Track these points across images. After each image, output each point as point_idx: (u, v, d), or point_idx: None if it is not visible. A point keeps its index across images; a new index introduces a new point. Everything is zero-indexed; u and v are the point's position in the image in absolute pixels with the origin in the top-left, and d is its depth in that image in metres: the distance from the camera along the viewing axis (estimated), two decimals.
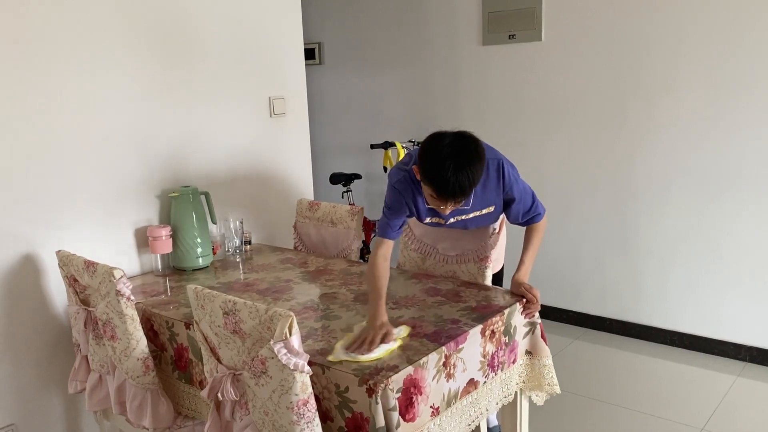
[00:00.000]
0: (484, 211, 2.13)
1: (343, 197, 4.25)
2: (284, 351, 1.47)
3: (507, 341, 1.98)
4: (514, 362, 2.03)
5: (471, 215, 2.13)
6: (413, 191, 2.03)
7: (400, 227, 2.10)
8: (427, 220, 2.15)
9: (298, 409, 1.50)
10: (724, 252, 3.21)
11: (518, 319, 2.03)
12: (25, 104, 2.16)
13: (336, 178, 4.11)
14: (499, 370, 1.95)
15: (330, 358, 1.66)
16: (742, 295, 3.19)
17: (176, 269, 2.56)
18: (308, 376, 1.51)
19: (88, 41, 2.31)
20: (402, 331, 1.80)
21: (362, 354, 1.65)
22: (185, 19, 2.62)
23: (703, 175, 3.20)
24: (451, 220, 2.14)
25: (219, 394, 1.62)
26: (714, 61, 3.09)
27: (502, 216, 2.32)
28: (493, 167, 2.02)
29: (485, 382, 1.89)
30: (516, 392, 2.08)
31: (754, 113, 3.03)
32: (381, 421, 1.51)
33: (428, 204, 1.97)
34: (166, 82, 2.58)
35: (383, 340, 1.71)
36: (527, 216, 2.17)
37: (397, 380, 1.56)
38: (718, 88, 3.10)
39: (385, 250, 2.04)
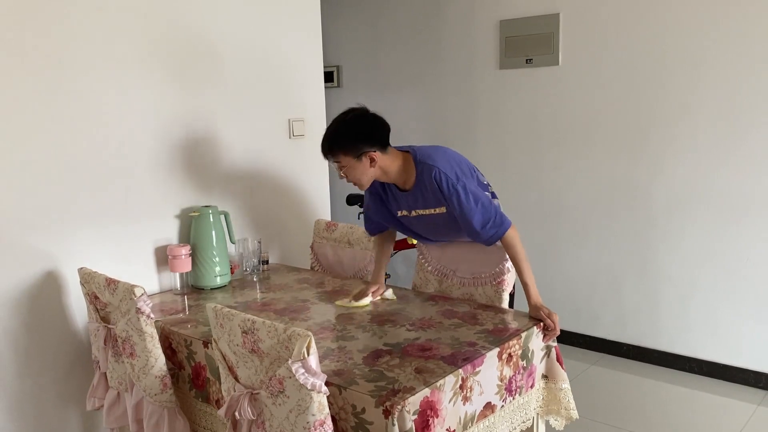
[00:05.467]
0: (437, 210, 2.20)
1: (359, 218, 4.27)
2: (302, 371, 1.48)
3: (525, 365, 1.97)
4: (532, 386, 2.02)
5: (427, 211, 2.23)
6: (377, 184, 2.29)
7: (376, 223, 2.41)
8: (398, 213, 2.32)
9: (315, 430, 1.50)
10: (744, 278, 3.17)
11: (535, 343, 2.02)
12: (48, 124, 2.21)
13: (353, 200, 4.13)
14: (517, 395, 1.94)
15: (336, 303, 2.28)
16: (763, 322, 3.14)
17: (195, 288, 2.58)
18: (325, 396, 1.52)
19: (112, 65, 2.36)
20: (389, 293, 2.35)
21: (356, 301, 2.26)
22: (208, 43, 2.68)
23: (722, 200, 3.18)
24: (413, 213, 2.27)
25: (236, 413, 1.63)
26: (731, 83, 3.09)
27: None
28: (428, 173, 2.13)
29: (502, 406, 1.88)
30: (533, 417, 2.07)
31: None
32: None
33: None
34: (188, 103, 2.63)
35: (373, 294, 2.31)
36: (489, 231, 2.13)
37: (413, 402, 1.55)
38: (736, 113, 3.10)
39: (377, 239, 2.50)
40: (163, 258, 2.58)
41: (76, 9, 2.24)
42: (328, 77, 4.71)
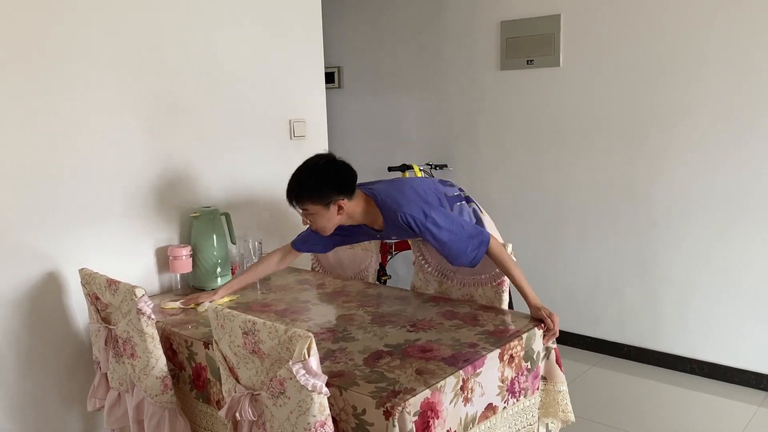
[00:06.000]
0: (418, 239, 2.22)
1: None
2: (303, 372, 1.48)
3: (530, 367, 1.97)
4: (537, 389, 2.02)
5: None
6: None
7: (311, 244, 2.37)
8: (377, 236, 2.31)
9: (316, 431, 1.50)
10: (745, 278, 3.17)
11: (538, 345, 2.02)
12: (49, 125, 2.21)
13: None
14: (521, 396, 1.94)
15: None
16: (764, 323, 3.14)
17: (195, 289, 2.58)
18: (326, 397, 1.52)
19: (112, 64, 2.37)
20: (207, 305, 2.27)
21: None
22: (209, 42, 2.68)
23: (722, 201, 3.18)
24: (392, 238, 2.29)
25: (237, 414, 1.63)
26: (732, 85, 3.09)
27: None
28: (394, 217, 2.10)
29: (504, 407, 1.88)
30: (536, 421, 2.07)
31: None
32: None
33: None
34: (188, 103, 2.63)
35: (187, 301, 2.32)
36: (470, 254, 2.12)
37: (414, 403, 1.55)
38: (735, 113, 3.10)
39: (282, 252, 2.41)
40: (164, 259, 2.58)
41: (80, 11, 2.24)
42: (329, 78, 4.71)
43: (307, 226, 2.16)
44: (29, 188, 2.17)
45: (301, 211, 2.12)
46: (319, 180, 2.07)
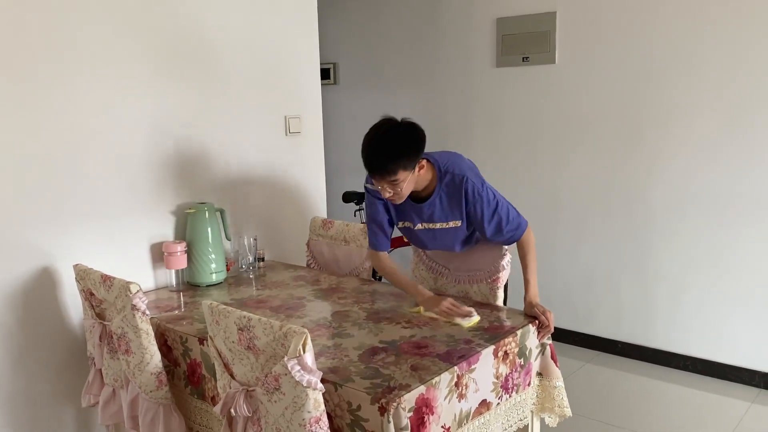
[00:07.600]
0: (451, 224, 2.17)
1: (355, 216, 4.27)
2: (298, 368, 1.48)
3: (522, 363, 1.98)
4: (529, 384, 2.02)
5: (438, 225, 2.19)
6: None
7: (386, 235, 2.26)
8: (399, 224, 2.26)
9: (311, 427, 1.50)
10: (739, 276, 3.19)
11: (532, 341, 2.02)
12: (44, 120, 2.20)
13: (349, 197, 4.13)
14: (514, 392, 1.95)
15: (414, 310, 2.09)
16: (757, 321, 3.16)
17: (190, 285, 2.58)
18: (321, 393, 1.52)
19: (108, 63, 2.36)
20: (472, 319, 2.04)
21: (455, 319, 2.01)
22: (205, 39, 2.67)
23: (717, 199, 3.20)
24: (419, 225, 2.20)
25: (232, 410, 1.63)
26: (727, 83, 3.10)
27: None
28: (458, 182, 2.09)
29: (498, 403, 1.88)
30: (529, 415, 2.07)
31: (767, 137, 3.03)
32: None
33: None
34: (184, 100, 2.62)
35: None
36: (506, 234, 2.18)
37: (409, 399, 1.56)
38: (731, 112, 3.11)
39: (384, 260, 2.29)
40: (159, 255, 2.57)
41: (77, 11, 2.23)
42: (325, 74, 4.70)
43: (389, 195, 2.01)
44: (24, 184, 2.16)
45: (387, 182, 1.97)
46: (409, 145, 1.97)
